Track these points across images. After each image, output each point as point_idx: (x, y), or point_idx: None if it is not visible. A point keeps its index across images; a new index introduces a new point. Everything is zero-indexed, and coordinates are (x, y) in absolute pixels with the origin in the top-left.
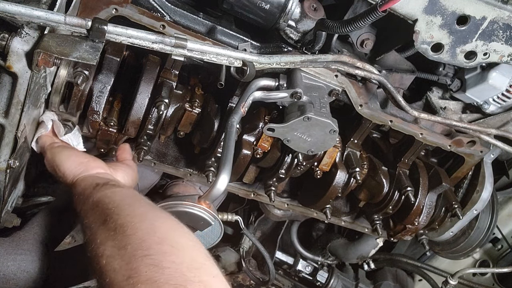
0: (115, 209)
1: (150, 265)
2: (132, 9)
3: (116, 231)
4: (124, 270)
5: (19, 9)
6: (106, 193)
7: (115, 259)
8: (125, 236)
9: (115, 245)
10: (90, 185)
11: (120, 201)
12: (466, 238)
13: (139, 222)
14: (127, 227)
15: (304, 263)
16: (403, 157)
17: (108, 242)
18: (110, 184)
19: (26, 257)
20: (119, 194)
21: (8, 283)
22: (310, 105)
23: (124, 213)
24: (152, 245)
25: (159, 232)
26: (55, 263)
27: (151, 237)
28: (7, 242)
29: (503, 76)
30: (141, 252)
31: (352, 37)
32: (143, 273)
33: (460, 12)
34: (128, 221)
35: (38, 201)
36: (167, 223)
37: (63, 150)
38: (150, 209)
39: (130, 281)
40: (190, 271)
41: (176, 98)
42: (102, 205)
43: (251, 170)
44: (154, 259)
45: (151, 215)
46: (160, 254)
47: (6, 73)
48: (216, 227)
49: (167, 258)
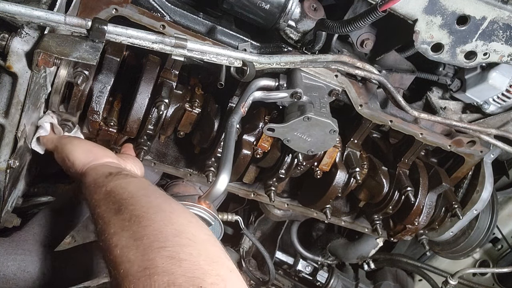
0: (130, 199)
1: (167, 257)
2: (132, 9)
3: (131, 222)
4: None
5: (19, 9)
6: (119, 182)
7: (130, 250)
8: (140, 227)
9: (131, 235)
10: (103, 174)
11: (134, 191)
12: (466, 238)
13: (155, 213)
14: (143, 218)
15: (304, 263)
16: (403, 157)
17: (123, 232)
18: (124, 173)
19: (26, 257)
20: (133, 184)
21: (8, 283)
22: (310, 105)
23: (139, 204)
24: (169, 237)
25: (176, 224)
26: (55, 263)
27: (168, 228)
28: (7, 242)
29: (503, 76)
30: (157, 243)
31: (352, 37)
32: (159, 264)
33: (460, 12)
34: (144, 212)
35: (38, 201)
36: (183, 215)
37: (72, 140)
38: (165, 201)
39: (146, 272)
40: (207, 264)
41: (176, 98)
42: (116, 195)
43: (251, 170)
44: (171, 251)
45: (167, 206)
46: (177, 246)
47: (6, 73)
48: (216, 227)
49: (185, 250)
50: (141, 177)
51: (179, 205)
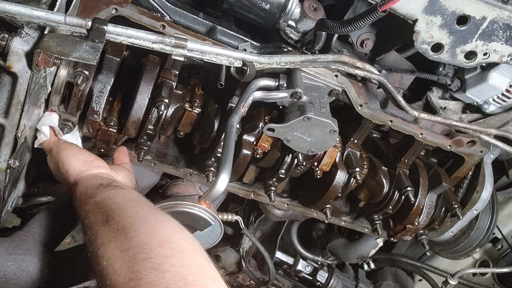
0: (117, 210)
1: (151, 268)
2: (132, 9)
3: (118, 233)
4: (126, 273)
5: (19, 9)
6: (109, 194)
7: (116, 261)
8: (126, 238)
9: (117, 247)
10: (93, 185)
11: (122, 203)
12: (466, 238)
13: (141, 225)
14: (129, 230)
15: (304, 263)
16: (403, 157)
17: (110, 243)
18: (113, 185)
19: (26, 257)
20: (121, 195)
21: (8, 283)
22: (310, 105)
23: (126, 215)
24: (153, 248)
25: (160, 235)
26: (55, 263)
27: (152, 240)
28: (7, 242)
29: (503, 76)
30: (142, 255)
31: (352, 37)
32: (144, 276)
33: (460, 12)
34: (130, 223)
35: (38, 201)
36: (168, 226)
37: (69, 147)
38: (151, 212)
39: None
40: (190, 275)
41: (176, 98)
42: (105, 206)
43: (251, 170)
44: (154, 262)
45: (153, 218)
46: (161, 258)
47: (6, 73)
48: (216, 227)
49: (167, 261)
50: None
51: (164, 216)
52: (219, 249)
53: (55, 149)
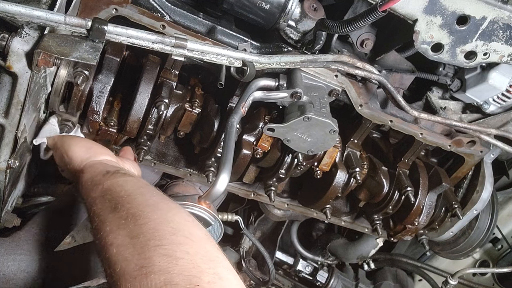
0: (126, 197)
1: (164, 255)
2: (132, 9)
3: (128, 220)
4: (137, 260)
5: (19, 9)
6: (117, 181)
7: (127, 248)
8: (137, 225)
9: (127, 234)
10: (100, 172)
11: (131, 190)
12: (466, 238)
13: (152, 212)
14: (139, 217)
15: (304, 263)
16: (403, 157)
17: (119, 230)
18: (121, 172)
19: (26, 257)
20: (130, 182)
21: (8, 283)
22: (310, 105)
23: (136, 202)
24: (166, 235)
25: (172, 223)
26: (55, 263)
27: (165, 227)
28: (7, 242)
29: (503, 76)
30: (153, 242)
31: (352, 37)
32: (156, 263)
33: (460, 12)
34: (140, 210)
35: (38, 201)
36: (180, 214)
37: (72, 137)
38: (162, 200)
39: (143, 270)
40: (204, 263)
41: (176, 98)
42: (113, 193)
43: (251, 170)
44: (167, 249)
45: (164, 205)
46: (174, 245)
47: (6, 73)
48: (216, 227)
49: (181, 248)
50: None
51: (175, 204)
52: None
53: (59, 141)
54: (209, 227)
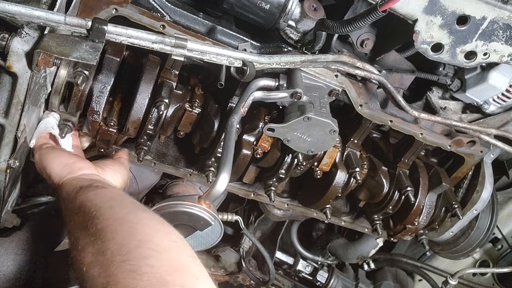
0: (95, 212)
1: (128, 271)
2: (132, 9)
3: (96, 236)
4: (102, 278)
5: (19, 9)
6: (88, 196)
7: (94, 266)
8: (104, 241)
9: (95, 251)
10: (74, 188)
11: (101, 204)
12: (466, 238)
13: (119, 225)
14: (107, 232)
15: (304, 263)
16: (403, 157)
17: (89, 248)
18: (94, 186)
19: (26, 257)
20: (101, 196)
21: (8, 283)
22: (310, 105)
23: (104, 217)
24: (132, 249)
25: (139, 235)
26: (55, 263)
27: (131, 240)
28: (7, 242)
29: (503, 76)
30: (119, 257)
31: (352, 37)
32: (121, 280)
33: (460, 12)
34: (108, 225)
35: (38, 201)
36: (148, 224)
37: (51, 151)
38: (131, 211)
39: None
40: (169, 275)
41: (176, 98)
42: (84, 209)
43: (251, 170)
44: (132, 264)
45: (132, 217)
46: (139, 259)
47: (6, 73)
48: (216, 227)
49: (146, 262)
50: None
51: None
52: (219, 249)
53: (37, 154)
54: (209, 227)
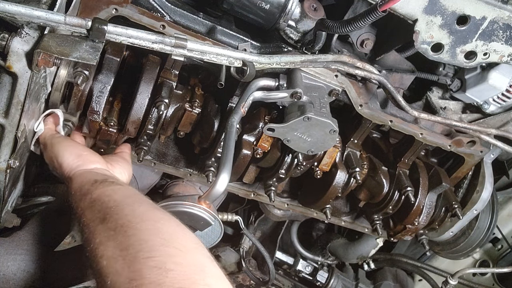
0: (114, 208)
1: (154, 267)
2: (132, 9)
3: (116, 231)
4: (127, 273)
5: (19, 9)
6: (104, 190)
7: (116, 261)
8: (126, 237)
9: (117, 245)
10: (88, 181)
11: (120, 200)
12: (466, 238)
13: (140, 223)
14: (128, 228)
15: (304, 263)
16: (403, 157)
17: (109, 242)
18: (109, 181)
19: (26, 257)
20: (118, 192)
21: (8, 283)
22: (310, 105)
23: (124, 213)
24: (155, 246)
25: (161, 233)
26: (55, 263)
27: (154, 238)
28: (7, 242)
29: (503, 76)
30: (143, 254)
31: (352, 37)
32: (146, 275)
33: (460, 12)
34: (128, 221)
35: (38, 201)
36: (169, 224)
37: (63, 140)
38: (151, 209)
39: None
40: (195, 273)
41: (176, 98)
42: (101, 203)
43: (251, 170)
44: (157, 261)
45: (153, 215)
46: (164, 256)
47: (6, 73)
48: (216, 227)
49: (172, 260)
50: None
51: (164, 214)
52: (219, 249)
53: (49, 142)
54: (209, 227)
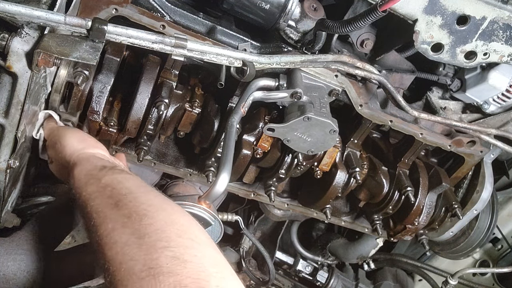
0: (128, 195)
1: (171, 257)
2: (132, 9)
3: (131, 219)
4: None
5: (19, 9)
6: (116, 177)
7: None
8: (142, 225)
9: (132, 232)
10: (96, 166)
11: (133, 188)
12: (466, 238)
13: (156, 212)
14: (144, 216)
15: (304, 263)
16: (403, 157)
17: (124, 229)
18: (119, 169)
19: (26, 257)
20: (130, 180)
21: (8, 283)
22: (310, 105)
23: (138, 201)
24: (172, 237)
25: (178, 225)
26: (55, 263)
27: (171, 228)
28: (7, 242)
29: (503, 76)
30: (160, 243)
31: (352, 37)
32: (164, 264)
33: (460, 12)
34: (144, 209)
35: (38, 201)
36: (184, 216)
37: (66, 128)
38: (165, 200)
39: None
40: (212, 266)
41: (176, 98)
42: (113, 190)
43: (251, 170)
44: (175, 251)
45: (167, 206)
46: (181, 247)
47: (6, 73)
48: (216, 227)
49: (189, 252)
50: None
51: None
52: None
53: (54, 131)
54: (209, 227)
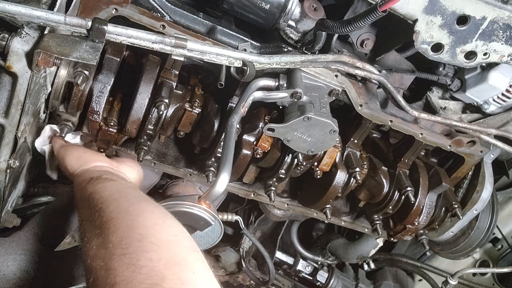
0: (101, 205)
1: (128, 264)
2: (132, 9)
3: (101, 229)
4: (104, 270)
5: (19, 9)
6: (97, 188)
7: (97, 259)
8: (107, 234)
9: (99, 244)
10: (85, 179)
11: (107, 196)
12: (466, 238)
13: (122, 218)
14: (110, 224)
15: (304, 263)
16: (403, 157)
17: (94, 240)
18: (103, 178)
19: (26, 257)
20: (109, 188)
21: (8, 283)
22: (310, 105)
23: (109, 210)
24: (132, 242)
25: (140, 228)
26: (55, 263)
27: (132, 233)
28: (7, 242)
29: (503, 76)
30: (120, 250)
31: (352, 37)
32: (120, 273)
33: (460, 12)
34: (111, 218)
35: (38, 201)
36: (150, 217)
37: (66, 147)
38: (134, 203)
39: (108, 281)
40: (167, 269)
41: (176, 98)
42: (92, 201)
43: (251, 170)
44: (132, 257)
45: (135, 209)
46: (139, 252)
47: (6, 73)
48: (216, 227)
49: (145, 256)
50: (122, 179)
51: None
52: (219, 249)
53: (58, 153)
54: (209, 227)
